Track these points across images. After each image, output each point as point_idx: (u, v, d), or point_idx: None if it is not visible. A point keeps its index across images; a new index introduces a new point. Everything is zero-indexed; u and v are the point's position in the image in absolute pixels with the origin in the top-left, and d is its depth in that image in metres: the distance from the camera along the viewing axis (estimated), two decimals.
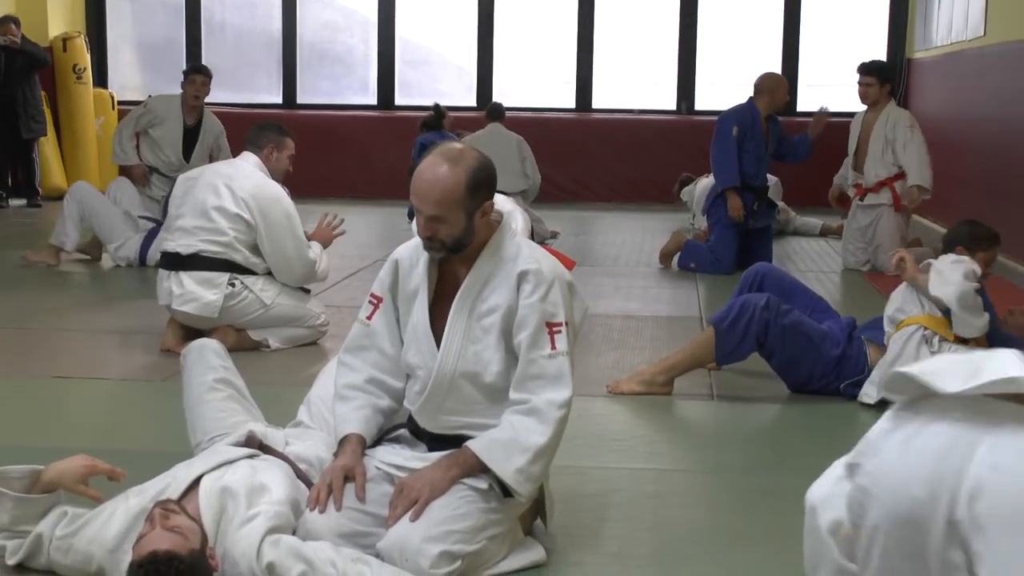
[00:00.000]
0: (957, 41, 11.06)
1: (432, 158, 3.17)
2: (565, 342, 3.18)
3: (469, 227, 3.17)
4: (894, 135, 8.58)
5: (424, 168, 3.16)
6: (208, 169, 6.08)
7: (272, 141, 6.02)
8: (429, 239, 3.17)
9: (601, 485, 4.02)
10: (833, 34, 13.64)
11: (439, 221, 3.13)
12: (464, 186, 3.12)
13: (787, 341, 5.09)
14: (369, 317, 3.40)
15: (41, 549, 3.12)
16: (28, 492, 3.14)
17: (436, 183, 3.12)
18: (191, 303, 5.79)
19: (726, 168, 8.62)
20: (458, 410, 3.27)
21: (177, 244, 5.87)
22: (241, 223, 5.79)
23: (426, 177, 3.14)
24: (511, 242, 3.26)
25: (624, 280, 8.29)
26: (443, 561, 3.05)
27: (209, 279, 5.79)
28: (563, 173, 13.07)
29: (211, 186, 5.85)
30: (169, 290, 5.84)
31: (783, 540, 3.58)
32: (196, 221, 5.83)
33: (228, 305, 5.81)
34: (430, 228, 3.15)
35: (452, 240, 3.17)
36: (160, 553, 2.75)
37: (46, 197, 12.13)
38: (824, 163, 9.72)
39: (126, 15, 14.62)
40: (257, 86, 14.52)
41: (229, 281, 5.81)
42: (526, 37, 14.12)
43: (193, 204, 5.86)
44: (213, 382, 3.74)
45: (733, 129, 8.58)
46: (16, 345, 6.13)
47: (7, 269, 8.31)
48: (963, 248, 5.08)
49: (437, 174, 3.12)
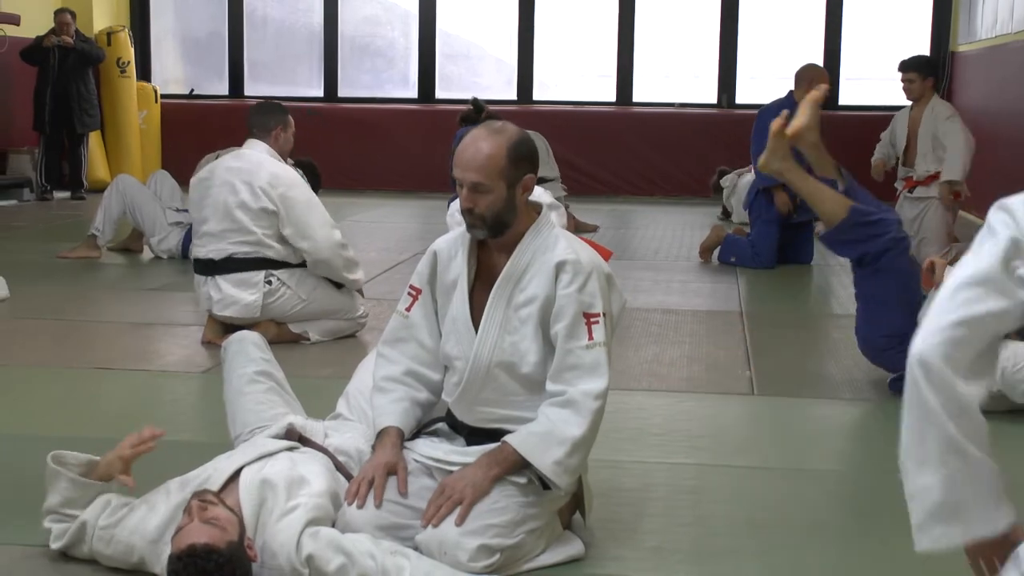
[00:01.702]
0: (1002, 34, 10.94)
1: (476, 131, 3.23)
2: (603, 333, 3.17)
3: (510, 200, 3.18)
4: (937, 129, 8.50)
5: (467, 140, 3.21)
6: (218, 166, 5.96)
7: (279, 122, 5.99)
8: (470, 212, 3.18)
9: (640, 480, 4.00)
10: (876, 27, 13.53)
11: (481, 191, 3.15)
12: (506, 155, 3.15)
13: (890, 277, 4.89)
14: (408, 309, 3.40)
15: (84, 537, 3.14)
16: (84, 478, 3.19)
17: (479, 151, 3.16)
18: (231, 307, 5.78)
19: None
20: (495, 401, 3.27)
21: (208, 250, 5.85)
22: (265, 217, 5.76)
23: (469, 146, 3.18)
24: (550, 233, 3.26)
25: (664, 274, 8.26)
26: (481, 554, 3.05)
27: (245, 280, 5.79)
28: (603, 166, 13.05)
29: (227, 184, 5.80)
30: (208, 295, 5.85)
31: (823, 537, 3.56)
32: (221, 224, 5.80)
33: (267, 303, 5.81)
34: (472, 199, 3.16)
35: (492, 214, 3.17)
36: (199, 547, 2.76)
37: (90, 190, 12.25)
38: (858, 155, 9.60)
39: (169, 9, 14.73)
40: (298, 79, 14.58)
41: (265, 279, 5.80)
42: (566, 31, 14.11)
43: (214, 207, 5.82)
44: (253, 374, 3.76)
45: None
46: (58, 336, 6.18)
47: (49, 260, 8.38)
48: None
49: (479, 143, 3.17)
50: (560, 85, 14.18)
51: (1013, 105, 10.57)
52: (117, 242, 8.76)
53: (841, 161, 5.13)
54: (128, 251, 8.76)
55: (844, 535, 3.57)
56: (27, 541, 3.32)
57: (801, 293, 7.92)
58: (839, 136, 8.78)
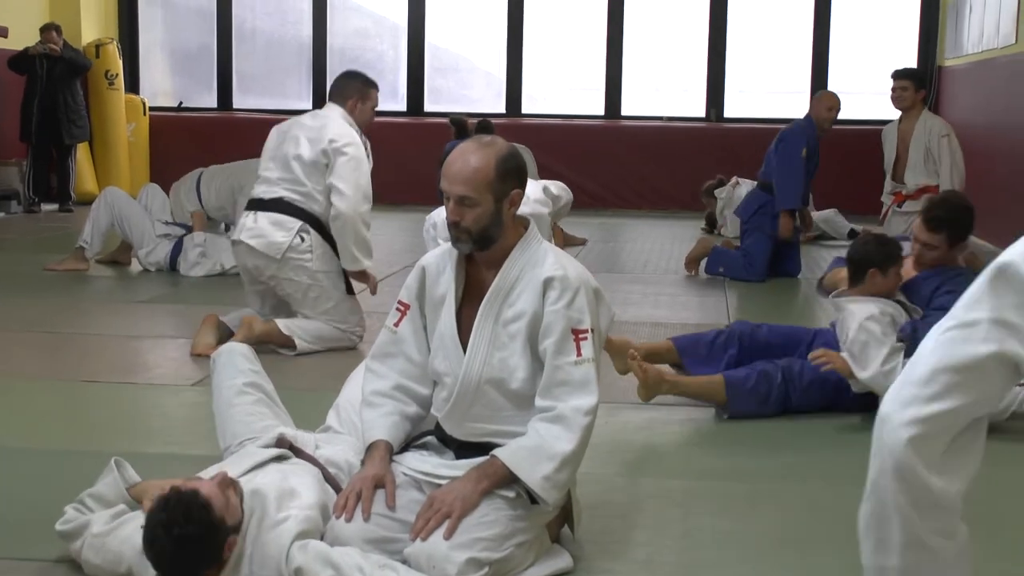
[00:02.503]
0: (988, 49, 11.00)
1: (465, 144, 3.24)
2: (591, 349, 3.18)
3: (497, 215, 3.18)
4: (931, 144, 8.53)
5: (456, 153, 3.22)
6: (295, 123, 6.17)
7: (356, 92, 6.16)
8: (456, 225, 3.18)
9: (629, 493, 4.01)
10: (863, 41, 13.58)
11: (467, 204, 3.15)
12: (494, 168, 3.16)
13: (811, 397, 4.99)
14: (396, 324, 3.40)
15: (82, 535, 3.16)
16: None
17: (467, 163, 3.16)
18: (260, 239, 5.94)
19: (793, 191, 8.41)
20: (485, 417, 3.27)
21: (261, 190, 6.07)
22: (316, 172, 5.92)
23: (457, 159, 3.19)
24: (538, 248, 3.26)
25: (652, 287, 8.27)
26: (470, 568, 3.04)
27: (282, 222, 5.94)
28: (592, 180, 13.07)
29: (294, 139, 6.02)
30: (244, 225, 6.03)
31: (811, 548, 3.57)
32: (279, 172, 6.01)
33: (288, 256, 5.91)
34: (458, 212, 3.16)
35: (479, 228, 3.17)
36: (200, 493, 2.79)
37: (78, 202, 12.23)
38: (845, 169, 9.66)
39: (158, 22, 14.73)
40: (287, 92, 14.59)
41: (300, 230, 5.93)
42: (555, 44, 14.13)
43: (277, 156, 6.05)
44: (242, 386, 3.76)
45: (803, 150, 8.40)
46: (46, 348, 6.17)
47: (37, 273, 8.36)
48: (876, 270, 4.89)
49: (468, 156, 3.18)
50: (549, 98, 14.21)
51: (999, 119, 10.62)
52: (105, 254, 8.75)
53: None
54: (116, 263, 8.74)
55: (833, 547, 3.58)
56: (11, 555, 3.32)
57: (789, 306, 7.93)
58: (823, 149, 8.78)
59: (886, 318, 4.78)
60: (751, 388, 4.94)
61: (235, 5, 14.35)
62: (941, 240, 4.85)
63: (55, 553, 3.27)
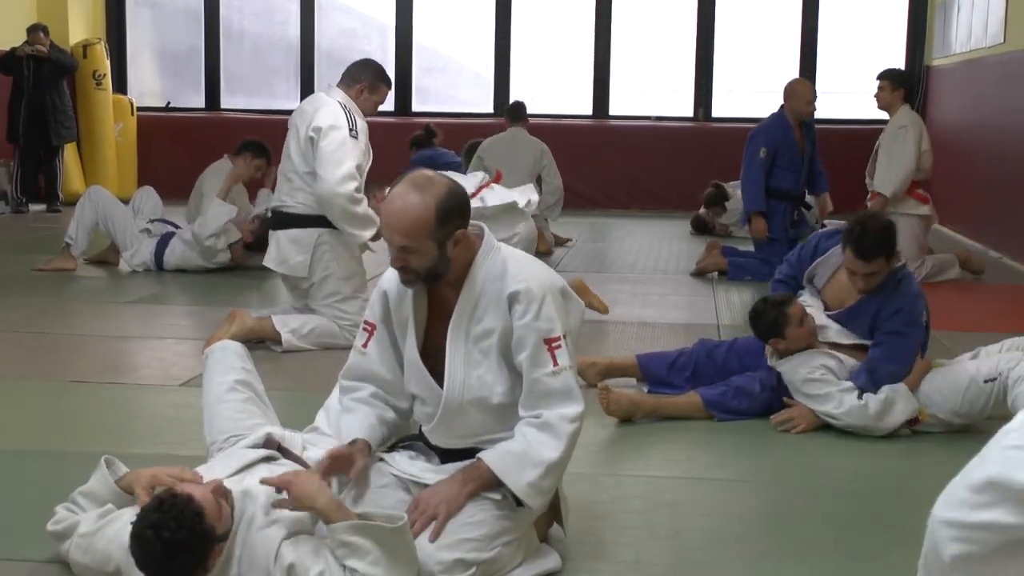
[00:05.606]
0: (976, 48, 11.03)
1: (401, 187, 3.09)
2: (567, 356, 3.13)
3: (442, 257, 3.09)
4: (886, 136, 8.51)
5: (393, 197, 3.08)
6: (298, 111, 6.18)
7: (367, 81, 6.13)
8: (402, 270, 3.12)
9: (617, 493, 4.01)
10: (851, 41, 13.61)
11: (410, 252, 3.07)
12: (434, 215, 3.03)
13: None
14: (364, 344, 3.36)
15: (71, 536, 3.15)
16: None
17: (405, 213, 3.04)
18: (282, 264, 6.09)
19: (753, 194, 8.52)
20: (469, 432, 3.26)
21: (279, 197, 6.15)
22: (307, 167, 5.94)
23: (395, 207, 3.06)
24: (496, 259, 3.18)
25: (641, 287, 8.28)
26: (457, 568, 3.05)
27: (299, 239, 6.07)
28: (580, 179, 13.06)
29: (293, 127, 6.07)
30: (269, 253, 6.16)
31: (801, 551, 3.57)
32: (286, 181, 6.07)
33: (314, 268, 6.06)
34: (401, 259, 3.09)
35: (425, 270, 3.11)
36: (193, 498, 2.78)
37: (66, 203, 12.20)
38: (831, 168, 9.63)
39: (145, 22, 14.70)
40: (275, 92, 14.57)
41: (317, 243, 6.03)
42: (543, 44, 14.14)
43: (286, 165, 6.09)
44: (233, 383, 3.76)
45: (761, 151, 8.46)
46: (34, 349, 6.15)
47: (25, 273, 8.34)
48: (777, 339, 4.88)
49: (406, 203, 3.04)
50: (537, 98, 14.18)
51: (987, 118, 10.66)
52: (94, 254, 8.73)
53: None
54: (105, 263, 8.73)
55: (822, 549, 3.59)
56: (1, 555, 3.31)
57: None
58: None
59: (824, 370, 4.81)
60: (731, 401, 4.97)
61: (223, 5, 14.33)
62: (880, 263, 4.81)
63: (46, 554, 3.26)
